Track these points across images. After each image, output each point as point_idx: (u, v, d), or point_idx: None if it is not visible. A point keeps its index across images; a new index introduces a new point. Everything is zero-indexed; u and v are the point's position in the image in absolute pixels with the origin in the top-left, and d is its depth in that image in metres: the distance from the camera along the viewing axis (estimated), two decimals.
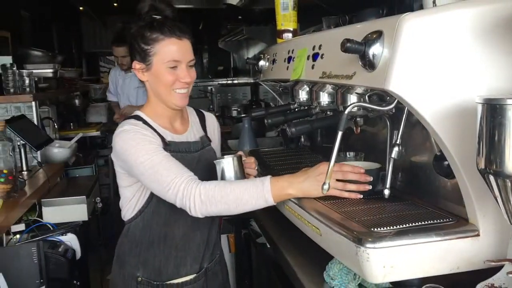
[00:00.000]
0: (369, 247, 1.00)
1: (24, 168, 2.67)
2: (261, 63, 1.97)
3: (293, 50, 1.55)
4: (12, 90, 3.19)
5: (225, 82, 6.62)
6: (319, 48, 1.32)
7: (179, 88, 1.41)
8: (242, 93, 5.25)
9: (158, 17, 1.42)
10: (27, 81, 3.25)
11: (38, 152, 2.85)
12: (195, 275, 1.54)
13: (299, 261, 1.35)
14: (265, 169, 1.74)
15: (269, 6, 4.05)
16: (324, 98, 1.44)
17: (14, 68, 3.20)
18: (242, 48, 5.55)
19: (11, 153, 2.09)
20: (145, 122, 1.45)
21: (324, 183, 1.16)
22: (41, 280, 2.04)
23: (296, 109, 1.70)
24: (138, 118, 1.46)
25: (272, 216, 1.69)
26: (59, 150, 3.26)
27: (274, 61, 1.79)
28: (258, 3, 4.38)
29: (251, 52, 5.49)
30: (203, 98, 6.78)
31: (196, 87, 7.45)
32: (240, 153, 1.45)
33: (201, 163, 1.49)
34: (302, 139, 2.08)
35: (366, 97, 1.20)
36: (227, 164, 1.40)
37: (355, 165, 1.30)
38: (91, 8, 7.95)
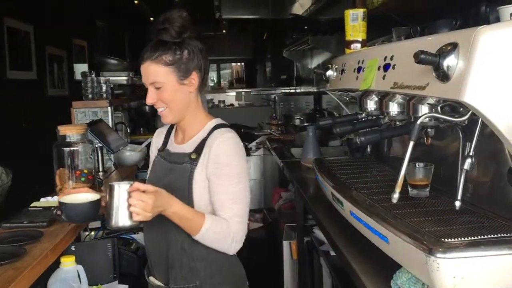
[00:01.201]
0: (440, 257, 1.00)
1: (101, 169, 2.85)
2: (329, 72, 2.00)
3: (363, 61, 1.58)
4: (90, 96, 3.41)
5: (288, 90, 6.68)
6: (391, 58, 1.34)
7: (156, 107, 1.54)
8: (305, 102, 5.28)
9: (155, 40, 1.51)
10: (104, 88, 3.47)
11: (112, 154, 3.03)
12: (161, 284, 1.57)
13: (365, 269, 1.36)
14: (330, 178, 1.77)
15: (335, 16, 4.09)
16: (394, 108, 1.45)
17: (93, 75, 3.43)
18: (306, 57, 5.60)
19: (91, 155, 2.24)
20: (171, 127, 1.69)
21: (394, 192, 1.18)
22: (115, 275, 2.17)
23: (364, 119, 1.71)
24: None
25: (337, 223, 1.71)
26: (131, 154, 3.43)
27: (342, 71, 1.82)
28: (324, 13, 4.41)
29: (315, 62, 5.52)
30: (266, 106, 6.89)
31: (259, 96, 7.59)
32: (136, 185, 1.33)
33: (169, 175, 1.56)
34: (368, 149, 2.09)
35: (439, 108, 1.20)
36: (117, 191, 1.32)
37: (77, 198, 1.42)
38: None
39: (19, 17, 4.59)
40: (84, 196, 1.46)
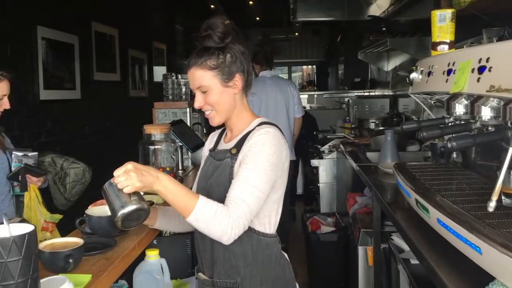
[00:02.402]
0: None
1: (180, 167, 2.95)
2: (413, 75, 1.94)
3: (454, 63, 1.52)
4: (170, 97, 3.55)
5: (362, 93, 6.57)
6: (487, 61, 1.28)
7: (204, 110, 1.58)
8: (380, 105, 5.16)
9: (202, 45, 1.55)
10: (183, 89, 3.59)
11: (191, 153, 3.13)
12: (207, 278, 1.60)
13: (453, 279, 1.30)
14: (414, 183, 1.72)
15: (415, 17, 3.96)
16: (487, 113, 1.38)
17: (174, 77, 3.56)
18: (382, 59, 5.47)
19: (173, 154, 2.33)
20: (223, 130, 1.71)
21: (490, 200, 1.12)
22: (193, 270, 2.23)
23: (452, 123, 1.65)
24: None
25: (419, 230, 1.65)
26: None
27: (429, 73, 1.76)
28: (403, 14, 4.29)
29: (392, 64, 5.38)
30: (338, 109, 6.82)
31: (331, 98, 7.52)
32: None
33: (216, 172, 1.59)
34: (454, 155, 2.00)
35: None
36: (108, 186, 1.35)
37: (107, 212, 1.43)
38: (235, 21, 8.48)
39: (106, 22, 4.87)
40: None
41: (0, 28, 3.25)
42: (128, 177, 1.31)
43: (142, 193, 1.38)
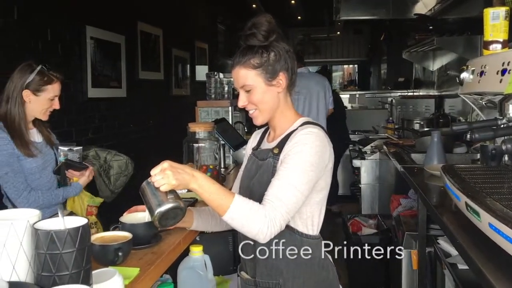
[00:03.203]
0: None
1: (222, 165, 2.98)
2: (464, 75, 1.88)
3: (509, 62, 1.46)
4: (213, 96, 3.60)
5: (406, 93, 6.43)
6: None
7: (247, 109, 1.58)
8: (425, 105, 5.03)
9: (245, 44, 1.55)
10: (226, 88, 3.63)
11: (231, 151, 3.16)
12: (250, 278, 1.59)
13: (504, 285, 1.26)
14: (464, 186, 1.67)
15: (464, 15, 3.84)
16: None
17: (216, 76, 3.60)
18: (428, 59, 5.33)
19: (217, 152, 2.35)
20: (267, 129, 1.70)
21: None
22: (235, 267, 2.25)
23: (504, 125, 1.59)
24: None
25: (468, 235, 1.61)
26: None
27: (482, 73, 1.70)
28: (450, 12, 4.17)
29: (437, 63, 5.24)
30: (380, 109, 6.70)
31: (373, 98, 7.41)
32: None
33: (259, 171, 1.58)
34: (506, 158, 1.93)
35: None
36: (145, 186, 1.38)
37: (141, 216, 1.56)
38: (276, 20, 8.49)
39: (151, 22, 4.97)
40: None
41: (52, 29, 3.37)
42: (164, 175, 1.32)
43: (183, 196, 1.41)
